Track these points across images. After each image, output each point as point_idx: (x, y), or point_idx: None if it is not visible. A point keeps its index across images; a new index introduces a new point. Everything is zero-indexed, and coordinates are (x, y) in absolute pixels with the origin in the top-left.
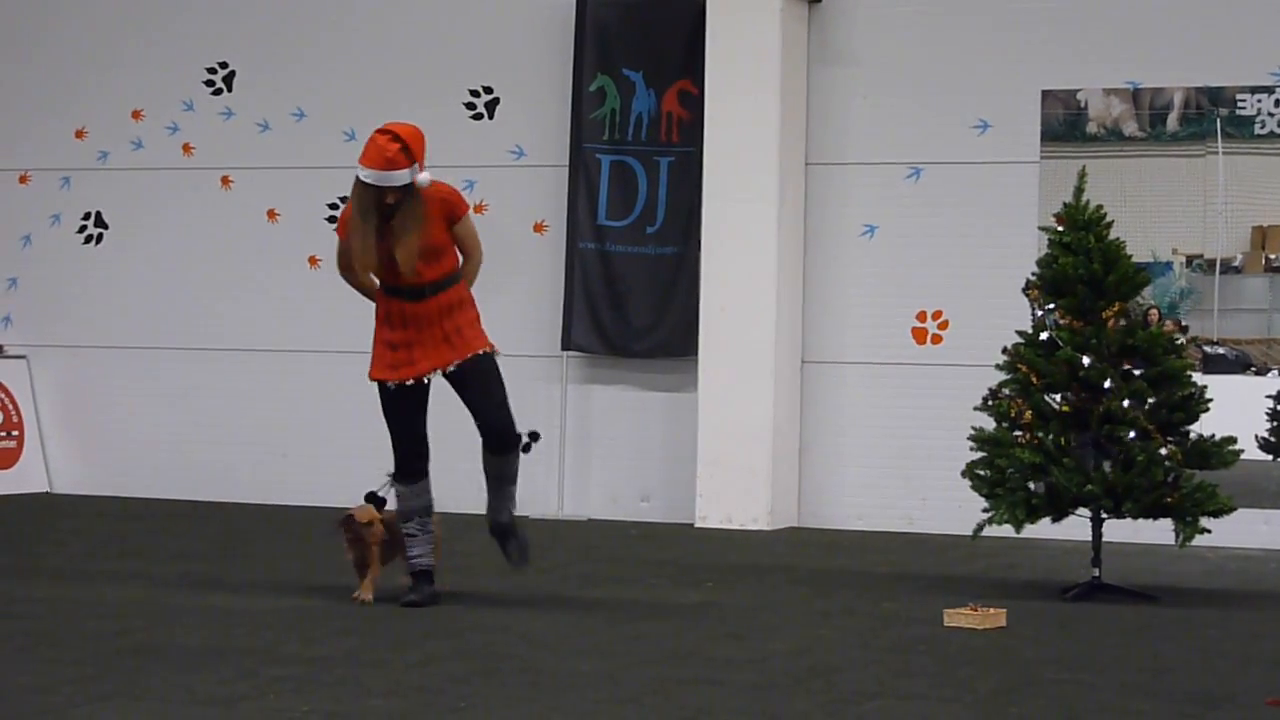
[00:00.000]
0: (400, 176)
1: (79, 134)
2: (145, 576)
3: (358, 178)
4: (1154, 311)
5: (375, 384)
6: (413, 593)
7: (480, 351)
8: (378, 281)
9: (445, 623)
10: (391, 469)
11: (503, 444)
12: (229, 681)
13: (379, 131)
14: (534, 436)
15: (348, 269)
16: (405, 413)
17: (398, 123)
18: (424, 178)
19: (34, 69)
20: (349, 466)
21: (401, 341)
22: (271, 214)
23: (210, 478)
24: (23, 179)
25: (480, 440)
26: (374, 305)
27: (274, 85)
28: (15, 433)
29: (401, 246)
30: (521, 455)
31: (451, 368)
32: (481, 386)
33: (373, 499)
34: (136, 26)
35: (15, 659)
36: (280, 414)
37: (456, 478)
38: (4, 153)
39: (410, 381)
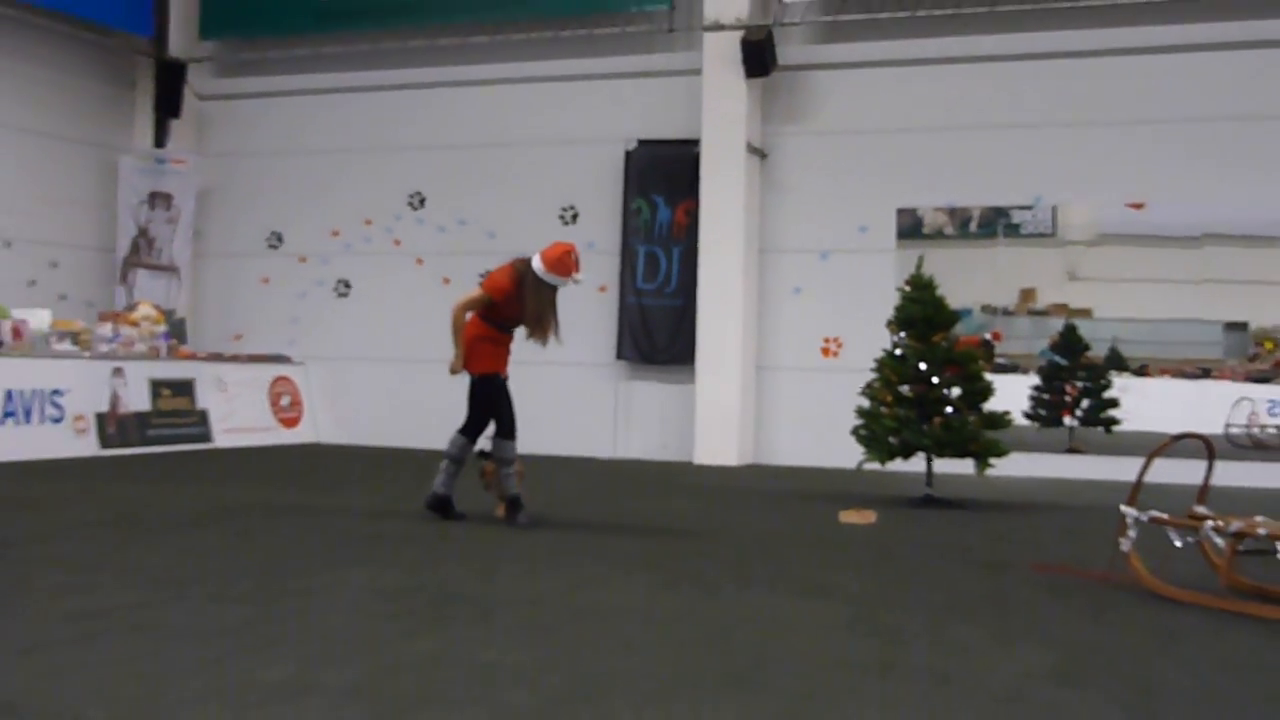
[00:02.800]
0: (568, 282)
1: (334, 233)
2: (369, 493)
3: (542, 279)
4: (997, 332)
5: (483, 375)
6: (521, 514)
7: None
8: (530, 333)
9: (547, 521)
10: (494, 433)
11: (513, 434)
12: (421, 556)
13: (565, 251)
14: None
15: (466, 310)
16: (507, 397)
17: (571, 245)
18: (579, 277)
19: (307, 194)
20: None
21: (499, 355)
22: (446, 280)
23: (405, 434)
24: (302, 259)
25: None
26: (466, 329)
27: (448, 205)
28: (297, 408)
29: (557, 321)
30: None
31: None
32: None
33: (483, 455)
34: (368, 168)
35: (301, 539)
36: (443, 394)
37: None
38: (291, 244)
39: (505, 377)
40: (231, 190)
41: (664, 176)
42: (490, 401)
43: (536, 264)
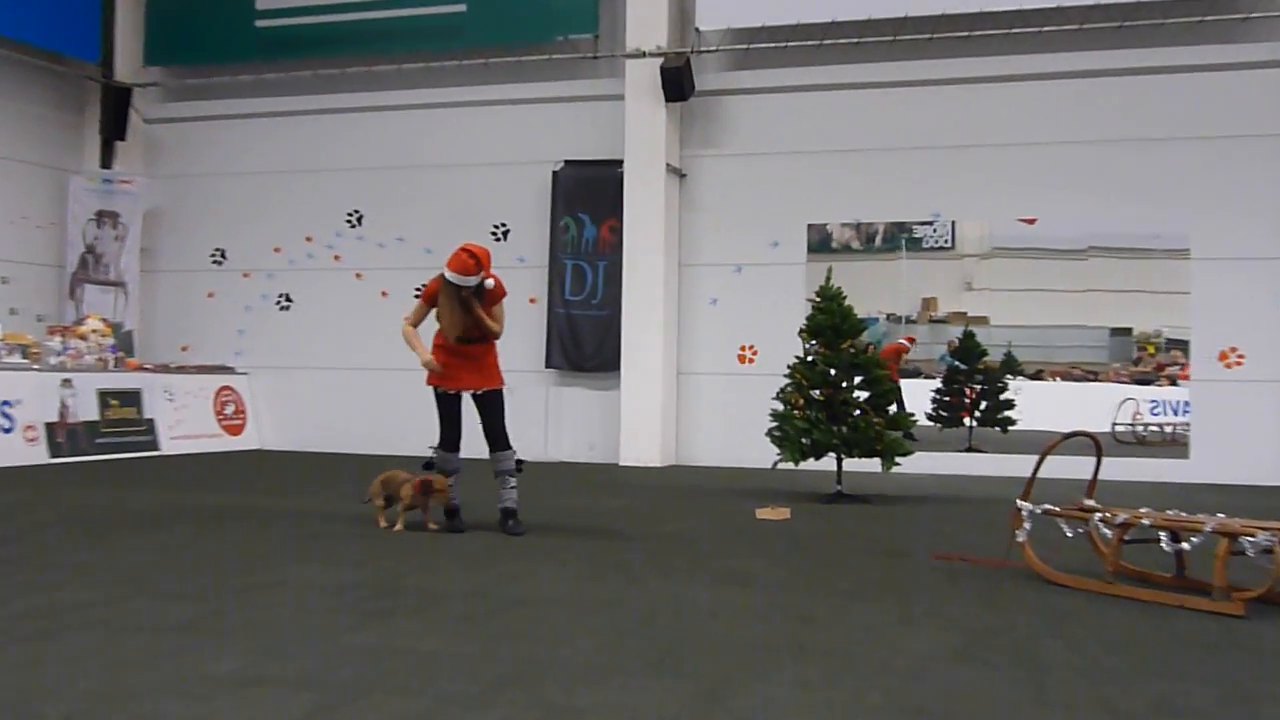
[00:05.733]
0: (470, 280)
1: (276, 250)
2: (317, 494)
3: (444, 275)
4: (910, 338)
5: (434, 388)
6: (454, 521)
7: (497, 387)
8: (446, 335)
9: (480, 523)
10: (438, 444)
11: (498, 446)
12: (366, 551)
13: (463, 250)
14: (520, 466)
15: (413, 323)
16: (452, 411)
17: (475, 244)
18: (489, 282)
19: (250, 214)
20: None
21: (449, 365)
22: (384, 294)
23: (346, 439)
24: (245, 275)
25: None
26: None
27: (386, 222)
28: (241, 416)
29: (475, 317)
30: (517, 474)
31: (480, 392)
32: (494, 406)
33: (428, 466)
34: (308, 187)
35: (247, 540)
36: (389, 402)
37: None
38: (235, 261)
39: (459, 391)
40: (178, 209)
41: (589, 195)
42: (439, 413)
43: (445, 269)
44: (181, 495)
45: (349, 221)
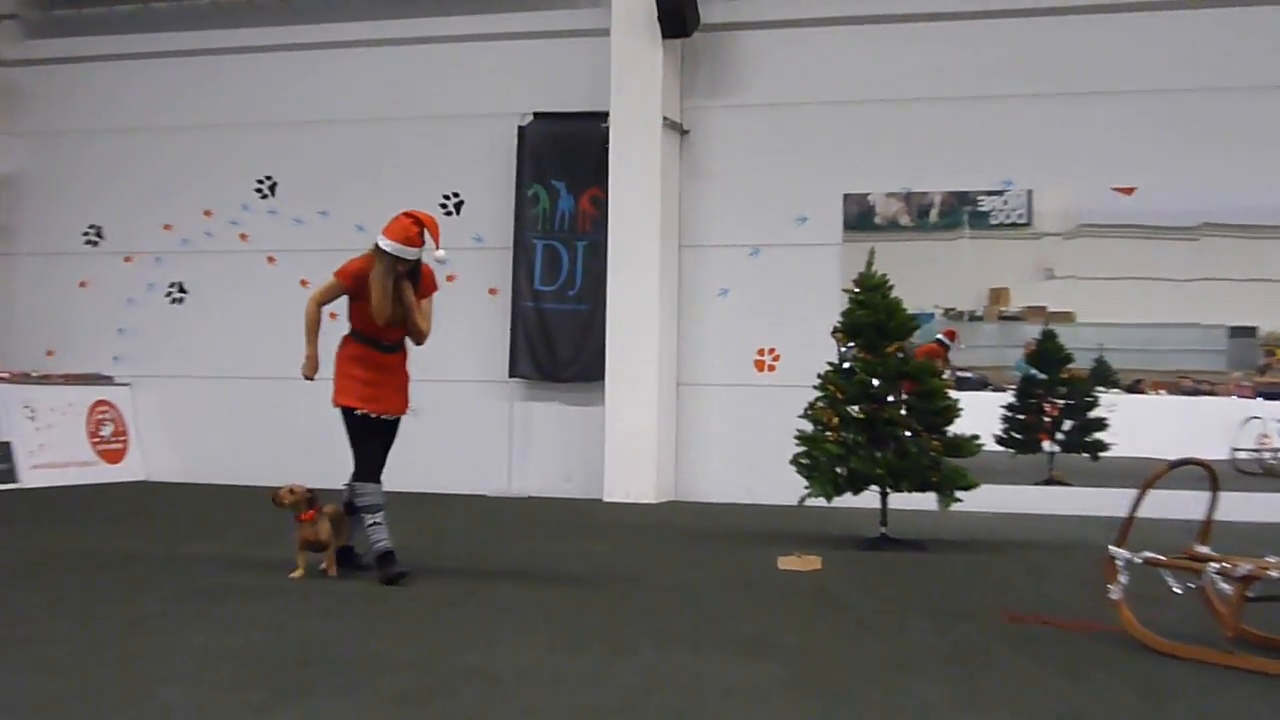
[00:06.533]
0: (413, 252)
1: (167, 227)
2: (214, 539)
3: (379, 246)
4: (951, 330)
5: (345, 409)
6: (390, 568)
7: (405, 413)
8: (365, 332)
9: (426, 570)
10: (354, 475)
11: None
12: (276, 612)
13: (405, 214)
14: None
15: (319, 304)
16: (377, 436)
17: (420, 211)
18: (441, 254)
19: (134, 181)
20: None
21: (372, 381)
22: (304, 282)
23: (258, 468)
24: (127, 259)
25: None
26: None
27: (306, 192)
28: (122, 438)
29: (406, 306)
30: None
31: (396, 417)
32: (394, 435)
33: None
34: (207, 149)
35: (123, 596)
36: (306, 420)
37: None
38: (114, 241)
39: (385, 416)
40: (41, 175)
41: (565, 158)
42: (352, 437)
43: (379, 236)
44: (46, 539)
45: (259, 191)
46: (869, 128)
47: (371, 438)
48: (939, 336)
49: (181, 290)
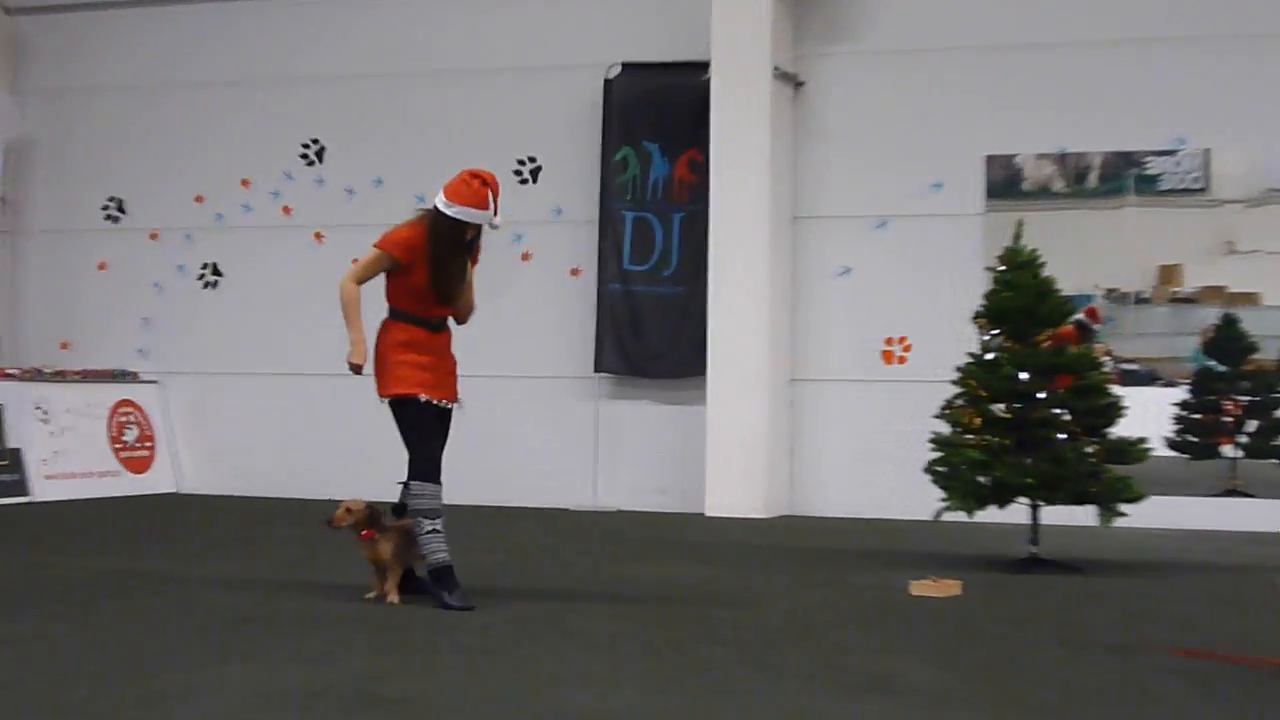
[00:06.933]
0: (486, 216)
1: (198, 199)
2: (255, 559)
3: (440, 212)
4: (1093, 309)
5: (401, 400)
6: (451, 588)
7: (458, 401)
8: (393, 308)
9: (497, 594)
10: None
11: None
12: (326, 644)
13: (471, 174)
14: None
15: (359, 283)
16: (437, 427)
17: (483, 170)
18: (498, 221)
19: (161, 146)
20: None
21: (430, 366)
22: (355, 261)
23: (307, 479)
24: (153, 236)
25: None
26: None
27: (357, 157)
28: (149, 444)
29: (468, 281)
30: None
31: (452, 405)
32: (447, 431)
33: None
34: (245, 109)
35: (155, 626)
36: (361, 424)
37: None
38: (137, 215)
39: (445, 404)
40: (51, 141)
41: (659, 116)
42: (409, 432)
43: (438, 197)
44: (63, 559)
45: (304, 157)
46: (1016, 77)
47: (432, 430)
48: (1078, 317)
49: (216, 273)
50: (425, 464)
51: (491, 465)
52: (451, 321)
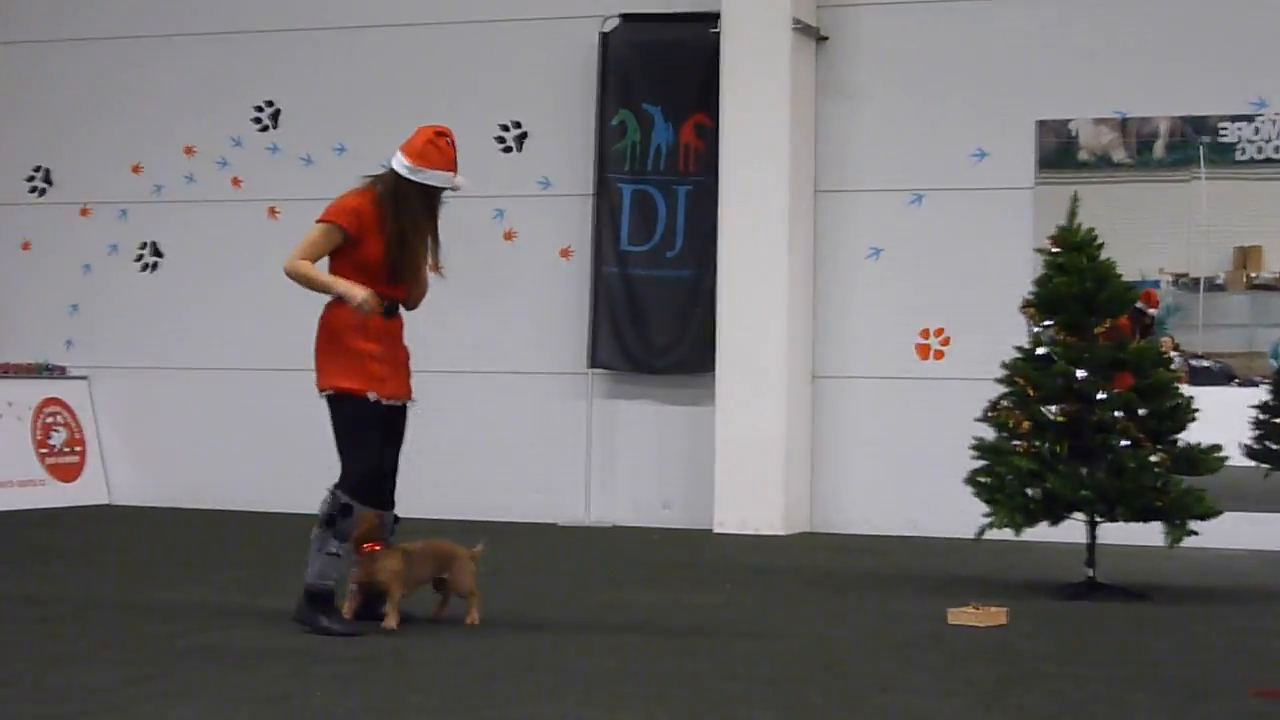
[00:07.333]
0: (453, 179)
1: (135, 169)
2: (198, 582)
3: (404, 178)
4: (1150, 293)
5: (343, 395)
6: (318, 614)
7: (412, 398)
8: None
9: (480, 624)
10: (339, 484)
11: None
12: (280, 679)
13: (435, 132)
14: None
15: (306, 259)
16: (379, 430)
17: (441, 126)
18: (459, 181)
19: (91, 108)
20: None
21: (382, 357)
22: None
23: (258, 490)
24: (84, 211)
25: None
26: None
27: (317, 122)
28: (78, 448)
29: (423, 241)
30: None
31: (406, 403)
32: (401, 433)
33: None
34: (188, 67)
35: (82, 659)
36: (317, 426)
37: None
38: (66, 187)
39: (393, 402)
40: None
41: (662, 74)
42: (347, 433)
43: (396, 161)
44: None
45: (256, 121)
46: (1071, 30)
47: (374, 433)
48: (1137, 305)
49: (155, 253)
50: (360, 472)
51: (468, 474)
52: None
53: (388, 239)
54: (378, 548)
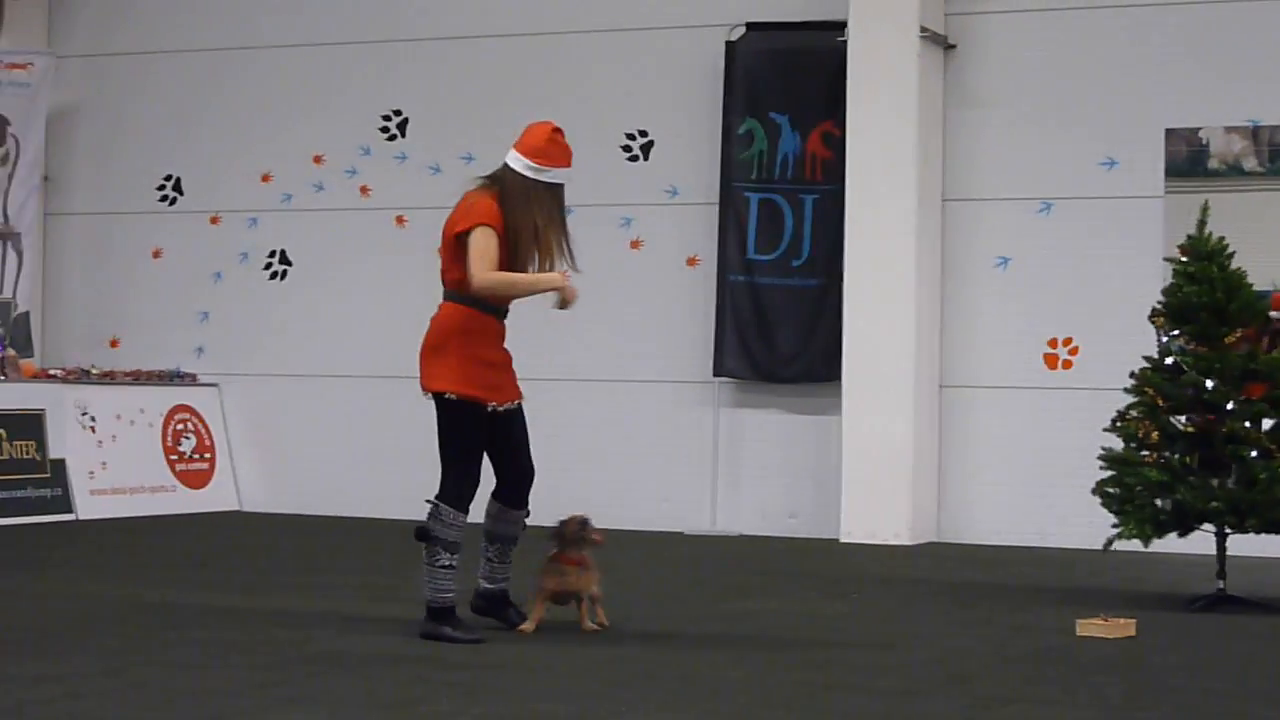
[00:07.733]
0: (568, 173)
1: (265, 178)
2: (326, 588)
3: (537, 179)
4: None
5: (458, 401)
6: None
7: (523, 396)
8: (454, 292)
9: (597, 632)
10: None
11: (521, 499)
12: (405, 685)
13: (551, 129)
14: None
15: (496, 267)
16: (498, 437)
17: (550, 121)
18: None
19: (222, 118)
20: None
21: (498, 364)
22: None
23: (387, 496)
24: (214, 220)
25: (498, 491)
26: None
27: (444, 130)
28: (207, 455)
29: (560, 228)
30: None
31: (513, 405)
32: (525, 432)
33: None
34: (316, 76)
35: (209, 665)
36: None
37: None
38: (196, 196)
39: (507, 407)
40: (99, 112)
41: (789, 83)
42: (450, 440)
43: (515, 161)
44: (103, 588)
45: (384, 130)
46: (1201, 37)
47: (480, 444)
48: (1271, 314)
49: (284, 261)
50: (459, 485)
51: (592, 484)
52: None
53: (517, 239)
54: (575, 561)
